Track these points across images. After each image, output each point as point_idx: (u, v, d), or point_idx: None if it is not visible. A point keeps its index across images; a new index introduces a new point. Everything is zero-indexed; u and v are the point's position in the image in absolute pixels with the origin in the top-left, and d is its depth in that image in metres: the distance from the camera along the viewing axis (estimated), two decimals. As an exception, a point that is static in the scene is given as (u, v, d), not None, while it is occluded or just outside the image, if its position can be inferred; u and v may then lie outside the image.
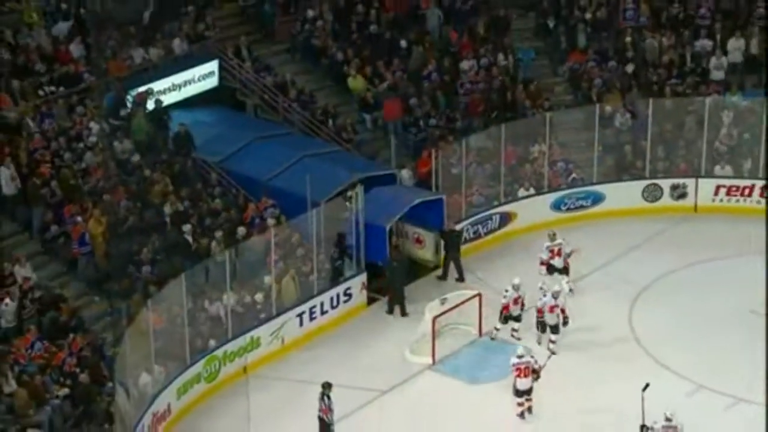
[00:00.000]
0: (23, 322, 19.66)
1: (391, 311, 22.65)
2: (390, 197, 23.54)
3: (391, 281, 22.63)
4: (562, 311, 20.61)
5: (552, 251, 22.40)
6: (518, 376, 19.21)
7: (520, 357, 19.26)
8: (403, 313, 22.53)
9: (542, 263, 22.44)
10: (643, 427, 17.68)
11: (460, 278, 23.20)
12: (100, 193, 21.97)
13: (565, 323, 20.74)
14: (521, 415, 19.26)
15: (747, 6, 27.98)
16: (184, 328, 19.75)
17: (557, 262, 22.18)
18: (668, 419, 17.80)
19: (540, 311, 20.78)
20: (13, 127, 22.42)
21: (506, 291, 21.05)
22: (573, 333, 21.11)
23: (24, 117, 22.66)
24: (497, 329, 21.25)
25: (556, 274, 22.06)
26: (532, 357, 19.40)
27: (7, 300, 19.63)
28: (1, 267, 20.45)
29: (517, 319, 21.20)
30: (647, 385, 17.43)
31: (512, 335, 21.16)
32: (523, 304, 21.11)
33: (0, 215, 21.72)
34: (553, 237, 22.53)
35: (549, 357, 19.57)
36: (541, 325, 20.84)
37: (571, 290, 22.07)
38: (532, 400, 19.26)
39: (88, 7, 25.27)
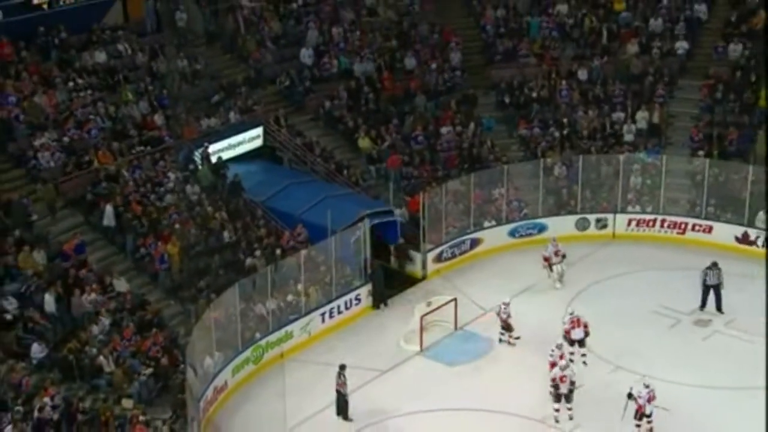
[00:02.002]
0: (122, 321, 19.77)
1: (377, 306, 22.52)
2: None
3: (374, 285, 22.52)
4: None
5: (556, 252, 22.55)
6: (572, 327, 19.38)
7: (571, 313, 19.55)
8: (385, 305, 22.51)
9: (545, 258, 22.50)
10: (629, 395, 17.43)
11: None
12: (175, 224, 21.98)
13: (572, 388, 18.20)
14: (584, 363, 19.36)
15: (650, 88, 27.93)
16: (237, 324, 19.81)
17: (576, 333, 19.63)
18: (646, 386, 17.49)
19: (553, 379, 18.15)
20: (113, 176, 22.60)
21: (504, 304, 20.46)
22: (525, 327, 20.81)
23: (120, 169, 22.84)
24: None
25: (576, 346, 19.70)
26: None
27: (103, 312, 19.72)
28: (103, 279, 20.56)
29: (508, 328, 20.58)
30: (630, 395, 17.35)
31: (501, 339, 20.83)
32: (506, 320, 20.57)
33: (103, 241, 21.79)
34: (554, 243, 22.72)
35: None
36: (557, 396, 18.24)
37: (584, 363, 19.70)
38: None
39: (168, 88, 25.39)
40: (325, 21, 29.14)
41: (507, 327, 20.64)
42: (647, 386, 17.47)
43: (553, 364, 18.26)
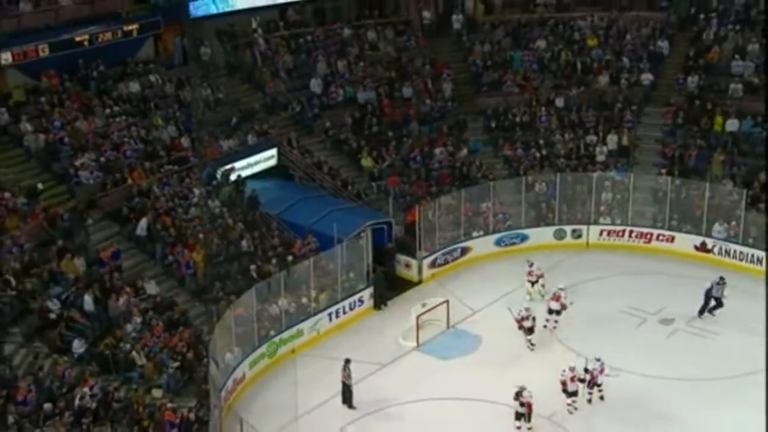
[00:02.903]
0: (152, 320, 19.74)
1: (378, 307, 22.47)
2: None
3: (375, 288, 22.48)
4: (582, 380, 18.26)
5: (530, 272, 22.10)
6: (552, 299, 20.29)
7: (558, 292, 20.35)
8: (385, 306, 22.41)
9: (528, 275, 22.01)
10: (585, 369, 18.07)
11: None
12: (199, 235, 21.92)
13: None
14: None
15: (619, 114, 27.89)
16: (253, 322, 19.74)
17: (553, 305, 20.57)
18: (597, 359, 18.11)
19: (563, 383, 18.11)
20: (145, 192, 22.60)
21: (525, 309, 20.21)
22: (508, 324, 20.76)
23: (151, 185, 22.82)
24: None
25: (552, 314, 20.56)
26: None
27: (136, 312, 19.69)
28: (136, 283, 20.54)
29: (531, 330, 20.19)
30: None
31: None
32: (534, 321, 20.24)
33: (136, 249, 21.78)
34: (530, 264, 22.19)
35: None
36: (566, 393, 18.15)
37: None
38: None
39: (193, 114, 25.41)
40: (332, 55, 29.16)
41: (530, 330, 20.23)
42: (598, 360, 18.24)
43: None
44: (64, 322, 18.92)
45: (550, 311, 20.88)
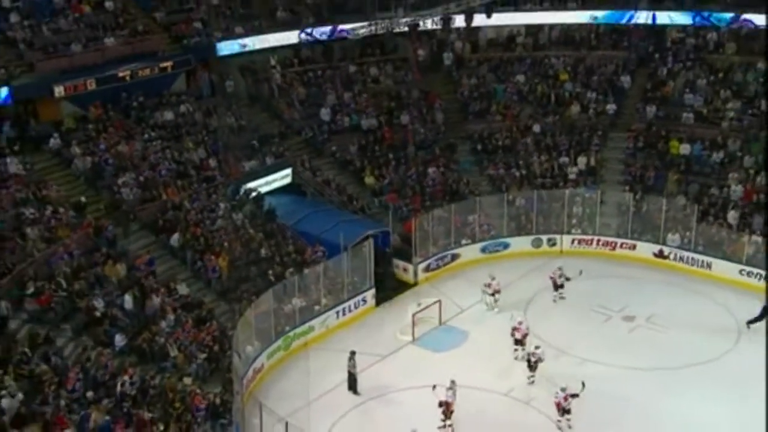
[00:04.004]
0: (183, 317, 19.76)
1: (378, 304, 22.35)
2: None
3: (377, 290, 22.26)
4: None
5: (488, 284, 21.53)
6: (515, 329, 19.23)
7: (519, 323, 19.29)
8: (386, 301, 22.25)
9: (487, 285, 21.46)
10: (530, 354, 18.29)
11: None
12: (224, 243, 21.88)
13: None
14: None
15: (588, 139, 27.90)
16: (271, 319, 19.62)
17: (517, 334, 19.32)
18: (537, 347, 18.13)
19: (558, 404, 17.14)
20: (178, 206, 22.62)
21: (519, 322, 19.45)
22: (492, 320, 20.66)
23: (183, 201, 22.83)
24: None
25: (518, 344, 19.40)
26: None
27: (169, 310, 19.71)
28: (169, 285, 20.55)
29: (520, 342, 19.37)
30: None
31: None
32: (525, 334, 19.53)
33: (169, 256, 21.77)
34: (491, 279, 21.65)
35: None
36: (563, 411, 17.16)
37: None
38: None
39: (219, 139, 25.42)
40: (339, 87, 29.18)
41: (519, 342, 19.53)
42: (538, 347, 18.36)
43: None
44: (108, 319, 18.98)
45: (516, 341, 19.62)
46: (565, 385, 17.16)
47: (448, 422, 17.00)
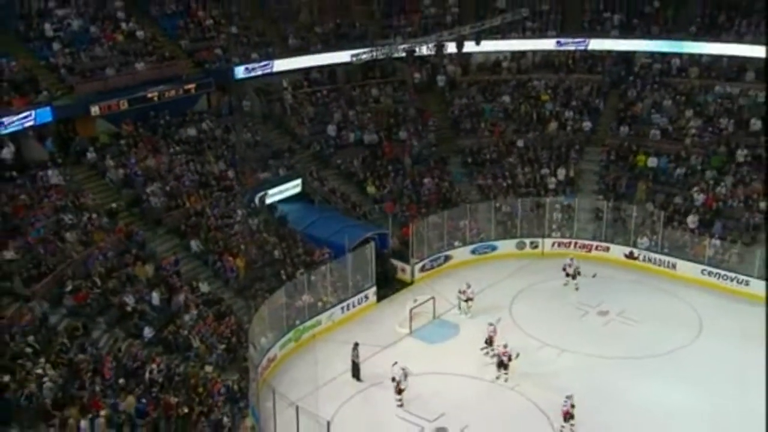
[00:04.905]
0: (205, 312, 19.69)
1: (379, 301, 22.24)
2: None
3: (378, 287, 22.15)
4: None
5: (463, 291, 20.95)
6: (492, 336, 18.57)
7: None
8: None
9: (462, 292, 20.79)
10: (504, 345, 18.02)
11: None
12: (241, 246, 21.88)
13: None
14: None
15: (566, 152, 27.89)
16: (283, 314, 19.55)
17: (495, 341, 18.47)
18: (505, 345, 17.83)
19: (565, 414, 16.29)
20: (200, 213, 22.55)
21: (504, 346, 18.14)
22: (478, 316, 20.57)
23: (204, 208, 22.78)
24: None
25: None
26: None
27: (192, 305, 19.65)
28: (192, 283, 20.52)
29: (503, 366, 18.01)
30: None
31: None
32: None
33: (192, 257, 21.67)
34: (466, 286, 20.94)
35: None
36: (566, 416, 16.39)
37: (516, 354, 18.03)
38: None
39: (237, 153, 25.36)
40: (344, 107, 29.18)
41: (490, 342, 18.99)
42: (506, 345, 18.06)
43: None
44: (137, 314, 18.99)
45: (486, 342, 19.06)
46: (571, 393, 16.54)
47: (397, 397, 17.34)
